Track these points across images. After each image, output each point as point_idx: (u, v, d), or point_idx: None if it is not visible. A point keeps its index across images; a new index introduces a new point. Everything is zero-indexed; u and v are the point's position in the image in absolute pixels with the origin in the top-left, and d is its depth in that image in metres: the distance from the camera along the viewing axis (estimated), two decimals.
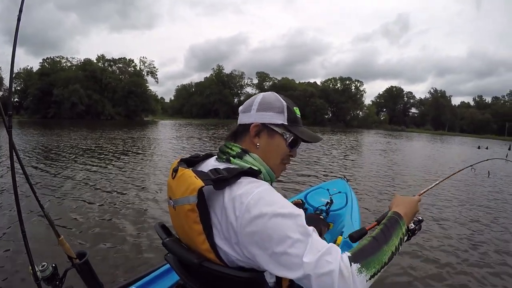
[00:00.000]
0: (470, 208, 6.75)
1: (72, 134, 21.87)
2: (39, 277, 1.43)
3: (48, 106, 60.18)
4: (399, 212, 1.26)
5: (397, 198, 1.42)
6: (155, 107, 79.20)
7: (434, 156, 21.13)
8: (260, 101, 1.29)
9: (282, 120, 1.27)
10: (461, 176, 7.70)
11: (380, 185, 9.30)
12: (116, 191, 6.65)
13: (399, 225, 1.18)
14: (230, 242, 1.09)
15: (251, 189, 1.06)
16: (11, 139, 1.37)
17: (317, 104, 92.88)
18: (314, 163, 12.65)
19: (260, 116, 1.27)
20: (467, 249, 4.63)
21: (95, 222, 4.88)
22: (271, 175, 1.30)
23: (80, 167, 9.43)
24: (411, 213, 1.34)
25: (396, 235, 1.13)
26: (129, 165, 10.20)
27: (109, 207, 5.60)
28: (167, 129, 35.49)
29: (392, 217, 1.21)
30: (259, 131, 1.27)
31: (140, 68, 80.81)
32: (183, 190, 1.13)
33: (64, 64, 73.24)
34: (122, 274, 3.42)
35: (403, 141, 37.85)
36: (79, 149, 13.59)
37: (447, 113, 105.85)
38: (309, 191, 3.85)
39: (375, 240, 1.07)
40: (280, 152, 1.30)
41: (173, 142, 19.64)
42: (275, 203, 1.02)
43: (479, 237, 5.11)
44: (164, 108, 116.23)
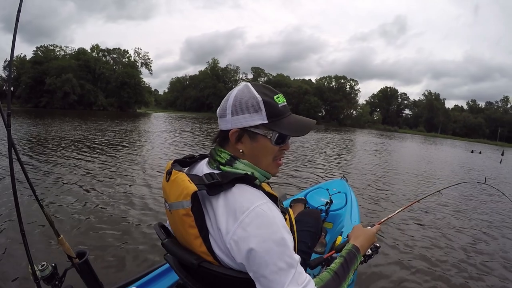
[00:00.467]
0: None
1: (65, 125, 21.30)
2: (38, 277, 1.42)
3: (41, 95, 59.39)
4: (357, 245, 1.40)
5: (357, 229, 1.56)
6: (148, 99, 78.51)
7: (431, 158, 21.30)
8: (233, 103, 1.16)
9: (261, 120, 1.15)
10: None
11: (379, 185, 9.29)
12: (116, 191, 6.48)
13: (356, 259, 1.34)
14: (223, 250, 1.10)
15: (247, 203, 1.05)
16: (10, 138, 1.36)
17: (311, 101, 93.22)
18: (311, 162, 12.33)
19: (236, 121, 1.16)
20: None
21: (95, 221, 4.79)
22: (266, 175, 1.25)
23: (78, 162, 9.20)
24: (368, 245, 1.50)
25: (353, 269, 1.29)
26: (130, 162, 9.89)
27: (109, 206, 5.48)
28: (161, 122, 35.09)
29: (351, 251, 1.35)
30: (239, 136, 1.18)
31: (134, 59, 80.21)
32: (177, 195, 1.12)
33: (58, 52, 72.13)
34: (121, 273, 3.37)
35: (398, 142, 38.12)
36: (76, 143, 13.20)
37: (440, 116, 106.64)
38: (309, 191, 3.81)
39: (337, 276, 1.20)
40: (269, 152, 1.21)
41: (171, 136, 19.24)
42: (270, 226, 1.02)
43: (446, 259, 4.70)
44: (158, 101, 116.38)
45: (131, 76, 69.73)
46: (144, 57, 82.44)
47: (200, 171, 1.26)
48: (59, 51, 72.68)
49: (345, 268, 1.25)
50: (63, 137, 14.77)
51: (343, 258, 1.30)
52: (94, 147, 12.31)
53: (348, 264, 1.28)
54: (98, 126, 21.83)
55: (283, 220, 1.10)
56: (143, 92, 73.66)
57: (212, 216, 1.11)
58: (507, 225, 6.35)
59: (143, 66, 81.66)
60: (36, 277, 1.41)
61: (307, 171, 10.31)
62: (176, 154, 11.99)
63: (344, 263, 1.27)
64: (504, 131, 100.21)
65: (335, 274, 1.19)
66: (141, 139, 16.65)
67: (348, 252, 1.34)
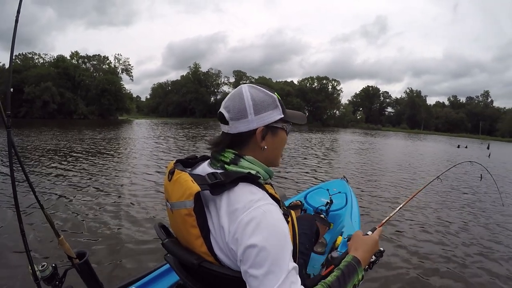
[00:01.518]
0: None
1: (50, 134, 20.94)
2: (38, 277, 1.42)
3: (20, 105, 57.18)
4: (358, 257, 1.28)
5: (357, 238, 1.43)
6: (129, 106, 77.09)
7: (420, 154, 21.85)
8: (252, 103, 1.19)
9: (279, 114, 1.24)
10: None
11: (374, 183, 9.40)
12: (116, 191, 6.57)
13: (356, 273, 1.21)
14: (224, 250, 1.11)
15: (248, 203, 1.05)
16: (10, 139, 1.37)
17: (294, 103, 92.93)
18: (299, 164, 12.44)
19: (261, 119, 1.20)
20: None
21: (95, 222, 4.82)
22: (269, 172, 1.26)
23: (78, 165, 9.37)
24: (370, 254, 1.38)
25: (351, 283, 1.17)
26: (127, 165, 10.02)
27: (109, 206, 5.54)
28: (144, 129, 34.54)
29: (350, 264, 1.23)
30: (264, 134, 1.22)
31: (115, 66, 78.56)
32: (179, 194, 1.13)
33: (37, 60, 70.49)
34: (122, 274, 3.40)
35: (384, 140, 39.04)
36: (71, 149, 13.24)
37: (422, 112, 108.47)
38: (309, 191, 3.84)
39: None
40: (283, 143, 1.31)
41: (159, 142, 19.16)
42: (269, 227, 1.02)
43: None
44: (140, 107, 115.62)
45: (112, 83, 67.96)
46: (125, 63, 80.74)
47: (202, 171, 1.24)
48: (37, 59, 71.05)
49: (341, 282, 1.13)
50: (56, 144, 14.94)
51: (340, 271, 1.18)
52: (93, 153, 12.39)
53: (345, 278, 1.16)
54: (78, 135, 21.36)
55: (285, 223, 1.08)
56: (124, 98, 71.95)
57: (215, 216, 1.11)
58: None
59: (123, 72, 79.92)
60: (36, 278, 1.41)
61: (297, 173, 10.21)
62: (167, 156, 12.52)
63: (341, 276, 1.16)
64: (485, 125, 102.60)
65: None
66: (129, 146, 16.41)
67: (347, 265, 1.22)
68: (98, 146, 15.18)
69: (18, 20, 1.43)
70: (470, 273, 4.08)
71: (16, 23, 1.43)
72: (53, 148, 13.36)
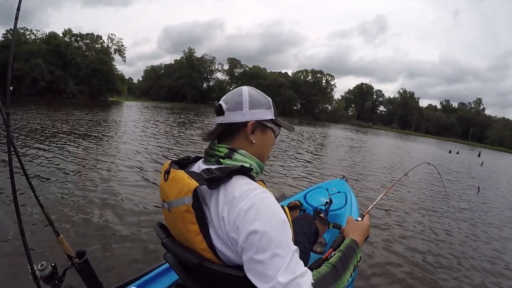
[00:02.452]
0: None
1: (40, 114, 20.25)
2: (38, 276, 1.43)
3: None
4: (356, 240, 1.42)
5: (352, 224, 1.59)
6: (120, 88, 76.20)
7: (412, 157, 21.69)
8: (249, 99, 1.32)
9: (271, 115, 1.36)
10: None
11: (365, 183, 9.50)
12: (117, 191, 6.34)
13: (355, 254, 1.34)
14: (225, 241, 1.13)
15: (246, 192, 1.10)
16: (9, 136, 1.36)
17: (286, 94, 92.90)
18: (292, 159, 12.12)
19: (254, 114, 1.31)
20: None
21: (95, 221, 4.75)
22: (261, 166, 1.35)
23: (79, 162, 8.66)
24: (364, 238, 1.53)
25: (352, 263, 1.29)
26: (128, 160, 9.50)
27: (109, 206, 5.43)
28: (134, 112, 33.88)
29: (350, 246, 1.37)
30: (255, 128, 1.32)
31: (107, 46, 77.07)
32: (177, 192, 1.17)
33: (28, 36, 68.82)
34: (121, 273, 3.35)
35: (374, 138, 39.46)
36: (66, 136, 12.48)
37: (414, 114, 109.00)
38: (309, 191, 3.86)
39: (335, 269, 1.19)
40: (271, 144, 1.40)
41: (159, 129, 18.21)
42: (269, 212, 1.07)
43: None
44: (132, 89, 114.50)
45: (103, 63, 66.68)
46: (118, 43, 79.12)
47: (198, 168, 1.32)
48: (29, 35, 69.46)
49: (343, 262, 1.25)
50: (58, 129, 14.12)
51: (341, 252, 1.31)
52: (88, 143, 11.59)
53: (347, 258, 1.28)
54: (69, 117, 20.50)
55: (282, 209, 1.13)
56: (115, 80, 70.83)
57: (214, 210, 1.14)
58: None
59: (116, 52, 78.33)
60: (35, 277, 1.41)
61: (290, 170, 10.19)
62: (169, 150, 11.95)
63: (343, 257, 1.28)
64: (476, 132, 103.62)
65: (333, 267, 1.19)
66: (132, 135, 15.62)
67: (347, 247, 1.35)
68: (95, 131, 14.73)
69: (18, 18, 1.41)
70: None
71: (16, 20, 1.41)
72: (47, 134, 12.58)
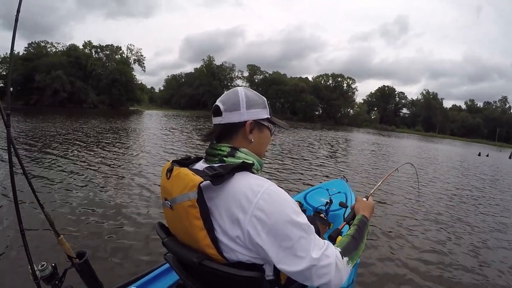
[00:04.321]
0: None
1: (55, 123, 21.34)
2: (38, 277, 1.42)
3: (31, 93, 58.43)
4: (366, 215, 1.64)
5: (361, 202, 1.80)
6: (140, 97, 77.70)
7: (442, 162, 20.20)
8: (246, 99, 1.34)
9: (266, 114, 1.40)
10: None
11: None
12: (117, 192, 6.53)
13: (367, 226, 1.55)
14: (232, 236, 1.15)
15: (256, 187, 1.13)
16: (9, 137, 1.37)
17: (307, 100, 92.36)
18: (307, 161, 12.43)
19: (251, 114, 1.34)
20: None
21: (95, 222, 4.84)
22: (260, 163, 1.39)
23: (79, 163, 9.22)
24: (371, 214, 1.73)
25: (366, 234, 1.50)
26: (129, 162, 9.95)
27: (109, 206, 5.54)
28: (152, 120, 34.92)
29: (362, 220, 1.58)
30: (252, 127, 1.35)
31: (127, 56, 79.14)
32: (181, 188, 1.17)
33: (49, 49, 71.08)
34: (121, 273, 3.41)
35: (399, 141, 38.52)
36: (72, 141, 13.29)
37: (438, 115, 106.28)
38: (309, 191, 3.86)
39: (354, 238, 1.39)
40: (268, 142, 1.45)
41: (165, 135, 19.21)
42: (283, 202, 1.13)
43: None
44: (154, 98, 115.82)
45: (123, 73, 68.55)
46: (137, 53, 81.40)
47: (200, 168, 1.29)
48: (50, 48, 71.66)
49: (360, 233, 1.45)
50: (60, 136, 14.91)
51: (356, 226, 1.50)
52: (92, 147, 12.26)
53: (362, 230, 1.49)
54: (94, 125, 21.69)
55: (290, 196, 1.20)
56: (135, 89, 72.49)
57: (219, 205, 1.15)
58: None
59: (135, 63, 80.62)
60: (36, 277, 1.40)
61: (305, 172, 10.38)
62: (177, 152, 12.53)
63: (358, 229, 1.47)
64: (502, 131, 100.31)
65: (352, 238, 1.38)
66: (135, 139, 16.58)
67: (360, 220, 1.57)
68: (102, 138, 15.18)
69: (18, 19, 1.41)
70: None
71: (16, 22, 1.41)
72: (54, 140, 13.29)
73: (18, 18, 1.40)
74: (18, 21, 1.41)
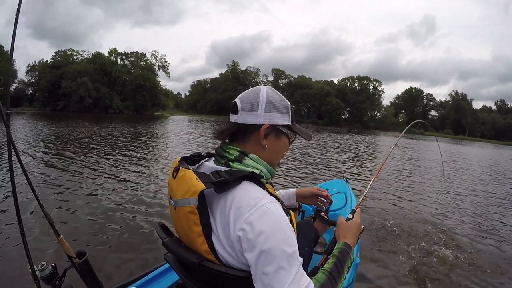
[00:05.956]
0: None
1: (76, 127, 22.24)
2: (38, 277, 1.44)
3: (58, 99, 60.44)
4: (348, 243, 1.41)
5: (343, 226, 1.54)
6: (164, 102, 78.80)
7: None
8: (266, 101, 1.25)
9: (288, 121, 1.29)
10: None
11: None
12: (117, 192, 6.51)
13: (349, 256, 1.35)
14: (224, 245, 1.13)
15: (253, 201, 1.08)
16: (9, 137, 1.38)
17: (333, 103, 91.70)
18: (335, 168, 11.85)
19: (269, 117, 1.25)
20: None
21: (95, 222, 4.83)
22: (271, 172, 1.29)
23: (79, 163, 9.33)
24: (357, 237, 1.51)
25: (347, 267, 1.31)
26: (130, 163, 9.94)
27: (109, 207, 5.51)
28: (174, 125, 35.27)
29: (343, 249, 1.36)
30: (268, 132, 1.26)
31: (151, 63, 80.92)
32: (184, 192, 1.15)
33: (76, 57, 73.31)
34: (121, 273, 3.37)
35: (425, 144, 37.10)
36: (81, 144, 13.47)
37: (468, 117, 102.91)
38: None
39: (332, 276, 1.20)
40: (284, 151, 1.34)
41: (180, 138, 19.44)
42: (276, 224, 1.06)
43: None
44: (180, 104, 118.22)
45: (147, 79, 69.90)
46: (161, 60, 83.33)
47: (207, 169, 1.26)
48: (76, 56, 73.91)
49: (339, 268, 1.26)
50: (69, 139, 15.27)
51: (335, 257, 1.30)
52: (96, 148, 12.51)
53: (342, 263, 1.29)
54: (109, 129, 22.21)
55: (288, 220, 1.13)
56: (159, 95, 73.73)
57: (219, 214, 1.12)
58: None
59: (160, 69, 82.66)
60: (35, 277, 1.42)
61: (310, 173, 10.21)
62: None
63: (338, 262, 1.28)
64: None
65: (330, 275, 1.20)
66: (155, 142, 16.78)
67: (340, 251, 1.35)
68: (114, 141, 15.25)
69: (18, 19, 1.42)
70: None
71: (16, 21, 1.41)
72: (62, 143, 13.53)
73: (18, 17, 1.40)
74: (18, 20, 1.40)
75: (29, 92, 72.16)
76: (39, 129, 18.98)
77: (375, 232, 5.08)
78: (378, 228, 5.27)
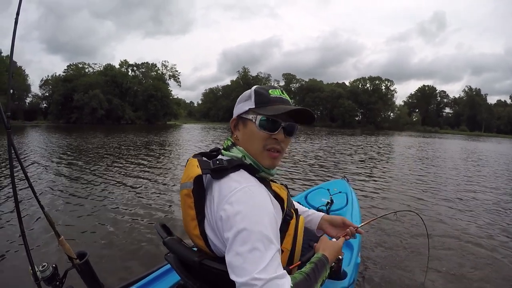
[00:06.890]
0: None
1: (87, 138, 22.54)
2: (39, 277, 1.44)
3: (71, 111, 61.03)
4: (327, 256, 1.36)
5: (325, 241, 1.48)
6: (177, 111, 78.99)
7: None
8: (240, 97, 1.35)
9: (249, 105, 1.28)
10: None
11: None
12: (116, 191, 6.73)
13: (325, 268, 1.29)
14: (216, 230, 1.17)
15: (236, 184, 1.14)
16: (10, 139, 1.39)
17: (345, 105, 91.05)
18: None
19: (237, 111, 1.33)
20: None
21: (96, 223, 4.87)
22: (257, 165, 1.29)
23: (83, 168, 9.59)
24: (335, 257, 1.44)
25: (321, 278, 1.24)
26: (130, 166, 10.23)
27: (110, 207, 5.63)
28: (186, 133, 35.04)
29: (321, 259, 1.30)
30: (236, 124, 1.34)
31: (162, 72, 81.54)
32: (185, 176, 1.26)
33: (87, 70, 74.34)
34: (122, 274, 3.37)
35: (440, 142, 36.61)
36: (91, 154, 13.61)
37: (483, 112, 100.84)
38: (310, 191, 3.89)
39: (309, 277, 1.16)
40: (257, 138, 1.27)
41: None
42: (254, 206, 1.08)
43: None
44: (193, 112, 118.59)
45: (158, 89, 70.12)
46: (172, 69, 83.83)
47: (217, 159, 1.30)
48: (87, 68, 74.89)
49: (316, 273, 1.21)
50: (80, 149, 15.42)
51: (313, 264, 1.25)
52: (105, 157, 12.53)
53: (319, 270, 1.24)
54: (116, 138, 22.44)
55: (271, 206, 1.16)
56: (170, 104, 73.89)
57: (213, 199, 1.17)
58: None
59: (171, 78, 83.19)
60: (36, 278, 1.42)
61: (311, 173, 10.08)
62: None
63: (315, 268, 1.23)
64: None
65: (307, 276, 1.16)
66: (159, 148, 17.11)
67: (319, 260, 1.29)
68: (123, 150, 15.38)
69: (18, 22, 1.42)
70: None
71: (16, 24, 1.41)
72: (74, 153, 13.84)
73: (17, 20, 1.40)
74: (17, 23, 1.40)
75: (43, 105, 73.41)
76: (53, 141, 19.47)
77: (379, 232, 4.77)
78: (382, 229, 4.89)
